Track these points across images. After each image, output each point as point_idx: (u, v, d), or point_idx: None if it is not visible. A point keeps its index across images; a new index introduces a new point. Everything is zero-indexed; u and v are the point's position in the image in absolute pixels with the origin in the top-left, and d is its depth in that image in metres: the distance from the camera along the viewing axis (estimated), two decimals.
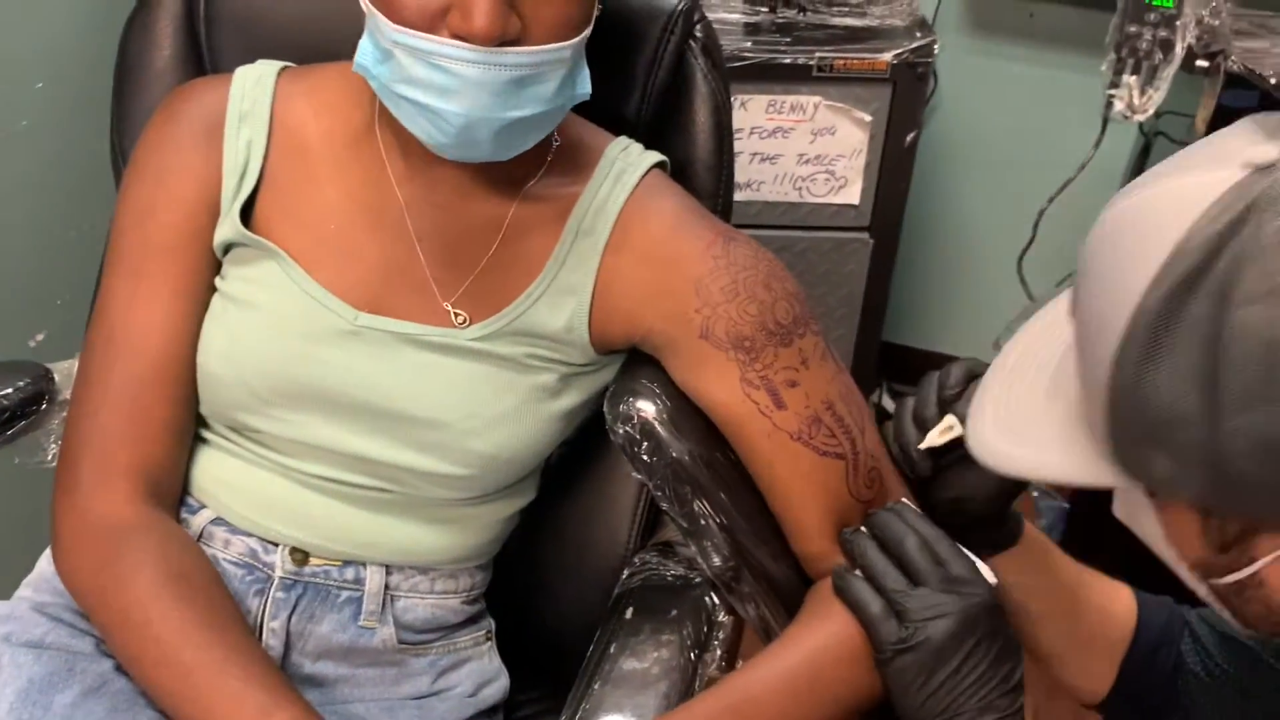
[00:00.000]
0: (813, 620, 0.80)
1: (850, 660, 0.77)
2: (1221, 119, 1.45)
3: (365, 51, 0.77)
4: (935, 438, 0.79)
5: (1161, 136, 1.80)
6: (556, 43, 0.73)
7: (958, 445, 0.78)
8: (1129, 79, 1.52)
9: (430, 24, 0.71)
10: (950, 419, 0.79)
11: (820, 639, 0.78)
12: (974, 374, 0.80)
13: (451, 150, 0.77)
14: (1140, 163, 1.92)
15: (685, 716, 0.74)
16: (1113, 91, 1.53)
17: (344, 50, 0.79)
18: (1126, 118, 1.53)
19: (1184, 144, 1.76)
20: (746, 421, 0.82)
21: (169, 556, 0.81)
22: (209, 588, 0.82)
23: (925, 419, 0.80)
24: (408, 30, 0.71)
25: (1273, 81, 1.39)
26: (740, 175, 1.70)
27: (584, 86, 0.80)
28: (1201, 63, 1.49)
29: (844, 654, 0.77)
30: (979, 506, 0.81)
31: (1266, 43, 1.51)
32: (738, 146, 1.68)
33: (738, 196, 1.72)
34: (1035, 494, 2.01)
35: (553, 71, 0.75)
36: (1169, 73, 1.49)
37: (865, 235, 1.74)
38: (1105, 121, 1.56)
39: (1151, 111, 1.52)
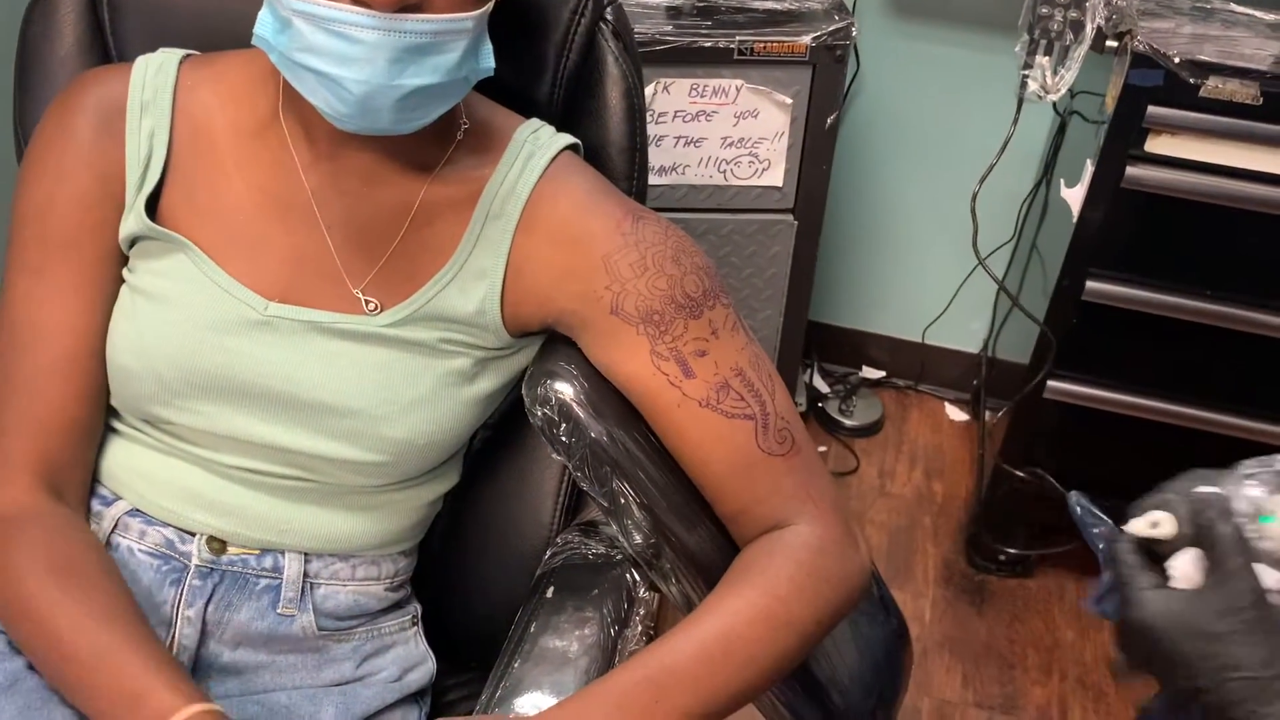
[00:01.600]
0: (728, 587, 0.81)
1: (764, 621, 0.78)
2: (1129, 98, 1.48)
3: (264, 22, 0.76)
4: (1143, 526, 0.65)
5: (1076, 116, 1.84)
6: (456, 13, 0.74)
7: None
8: (1042, 59, 1.54)
9: None
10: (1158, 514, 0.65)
11: (734, 604, 0.79)
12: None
13: (352, 121, 0.76)
14: (1057, 142, 1.96)
15: (602, 689, 0.75)
16: (1026, 72, 1.56)
17: (251, 38, 0.78)
18: (1040, 98, 1.56)
19: (1097, 123, 1.76)
20: (658, 394, 0.83)
21: (54, 547, 0.81)
22: (98, 578, 0.81)
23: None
24: None
25: (1176, 61, 1.43)
26: (665, 159, 1.71)
27: (487, 61, 0.80)
28: (1111, 43, 1.53)
29: (757, 616, 0.78)
30: None
31: (1171, 23, 1.55)
32: (662, 130, 1.70)
33: (663, 180, 1.74)
34: None
35: (453, 42, 0.75)
36: (1080, 53, 1.52)
37: (789, 217, 1.76)
38: (1020, 102, 1.59)
39: (1064, 91, 1.55)
